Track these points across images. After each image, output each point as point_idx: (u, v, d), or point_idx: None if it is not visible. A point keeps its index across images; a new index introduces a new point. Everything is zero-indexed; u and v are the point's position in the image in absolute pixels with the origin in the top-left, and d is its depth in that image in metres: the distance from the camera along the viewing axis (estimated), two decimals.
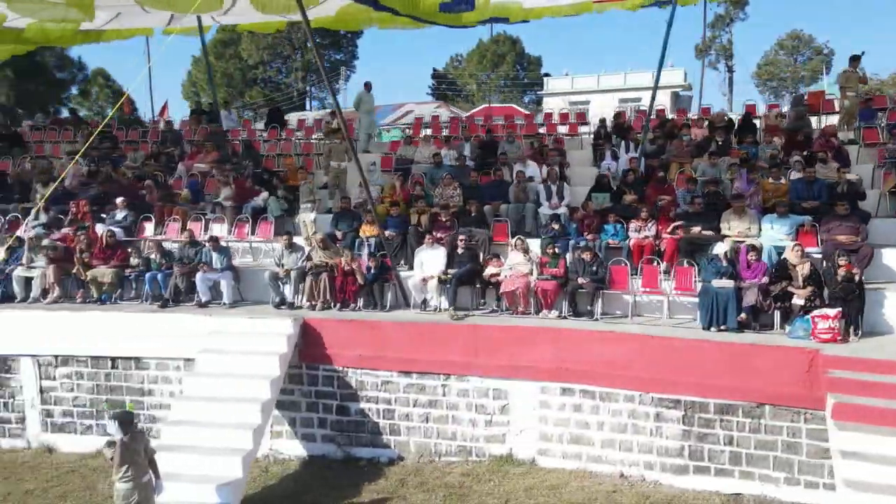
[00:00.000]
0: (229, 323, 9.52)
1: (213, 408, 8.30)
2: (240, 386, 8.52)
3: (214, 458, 7.70)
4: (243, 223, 12.20)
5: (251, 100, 62.32)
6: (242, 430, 8.03)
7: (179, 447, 7.94)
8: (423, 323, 9.24)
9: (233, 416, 8.18)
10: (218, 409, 8.28)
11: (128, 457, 6.62)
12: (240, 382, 8.55)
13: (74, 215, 12.39)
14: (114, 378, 10.06)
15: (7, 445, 10.38)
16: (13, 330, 10.24)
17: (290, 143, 16.49)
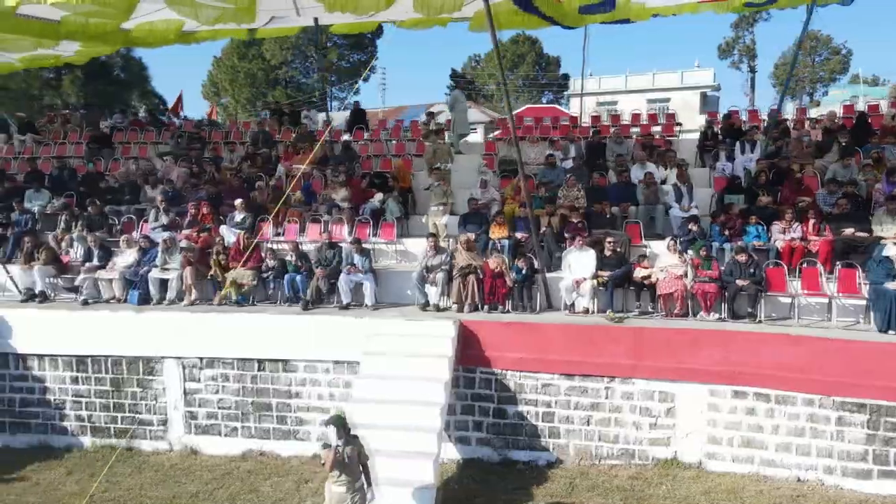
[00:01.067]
0: (384, 325, 9.50)
1: (391, 411, 8.26)
2: (413, 389, 8.50)
3: (404, 462, 7.67)
4: (364, 224, 12.18)
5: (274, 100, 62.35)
6: (425, 434, 8.01)
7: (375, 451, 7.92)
8: (586, 325, 9.21)
9: (412, 419, 8.14)
10: (395, 412, 8.25)
11: (343, 461, 6.63)
12: (412, 385, 8.53)
13: (194, 217, 12.38)
14: (260, 380, 10.06)
15: (149, 447, 10.38)
16: (157, 332, 10.25)
17: (381, 144, 16.46)
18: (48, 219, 13.57)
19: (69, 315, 10.55)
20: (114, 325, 10.38)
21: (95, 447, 10.44)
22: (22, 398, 10.65)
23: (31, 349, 10.53)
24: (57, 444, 10.55)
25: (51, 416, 10.59)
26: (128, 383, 10.40)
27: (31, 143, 17.85)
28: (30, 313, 10.71)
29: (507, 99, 10.11)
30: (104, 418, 10.49)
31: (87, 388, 10.49)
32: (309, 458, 9.82)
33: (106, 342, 10.35)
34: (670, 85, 55.83)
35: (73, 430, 10.56)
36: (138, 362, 10.34)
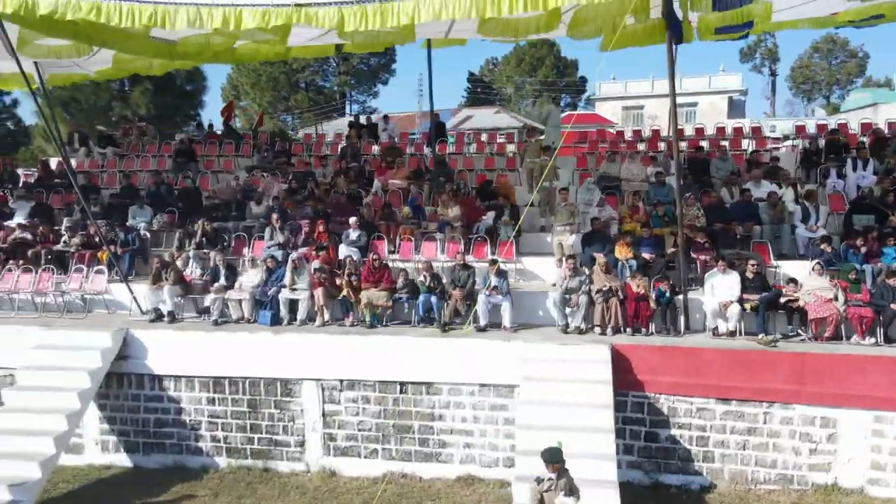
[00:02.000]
0: (537, 349, 9.49)
1: (561, 438, 8.24)
2: (580, 415, 8.50)
3: (587, 491, 7.64)
4: (480, 243, 12.18)
5: (297, 104, 62.38)
6: (602, 462, 8.01)
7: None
8: (743, 350, 9.20)
9: (585, 446, 8.11)
10: (566, 439, 8.20)
11: (553, 495, 6.64)
12: (578, 412, 8.53)
13: (307, 235, 12.39)
14: (402, 402, 10.06)
15: (286, 469, 10.39)
16: (296, 354, 10.26)
17: (471, 159, 16.47)
18: (154, 235, 13.61)
19: (206, 336, 10.56)
20: (251, 346, 10.39)
21: (231, 468, 10.45)
22: (157, 419, 10.66)
23: (166, 370, 10.54)
24: (191, 465, 10.56)
25: (186, 437, 10.61)
26: (265, 405, 10.41)
27: (113, 156, 17.89)
28: (165, 334, 10.72)
29: (674, 118, 9.95)
30: (240, 439, 10.50)
31: (223, 409, 10.50)
32: (452, 480, 9.85)
33: (244, 364, 10.36)
34: (698, 89, 55.56)
35: (209, 450, 10.57)
36: (276, 384, 10.35)
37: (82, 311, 12.06)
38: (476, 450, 9.89)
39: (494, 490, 9.54)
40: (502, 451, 9.80)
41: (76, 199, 14.23)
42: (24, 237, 12.78)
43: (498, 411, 9.77)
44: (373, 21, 8.28)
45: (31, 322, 11.33)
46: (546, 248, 12.68)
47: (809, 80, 68.63)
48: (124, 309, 12.15)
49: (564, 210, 11.74)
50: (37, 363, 10.21)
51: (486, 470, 9.84)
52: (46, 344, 10.47)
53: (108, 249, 12.06)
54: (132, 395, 10.69)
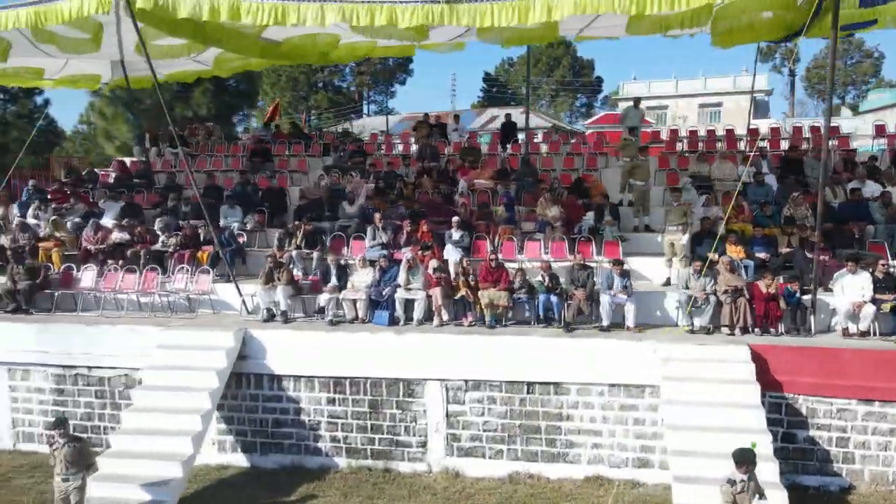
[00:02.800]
0: (672, 349, 9.43)
1: (714, 439, 8.21)
2: (727, 415, 8.47)
3: None
4: (585, 243, 12.14)
5: (316, 104, 62.40)
6: (760, 462, 7.93)
7: (697, 479, 7.90)
8: (884, 350, 9.15)
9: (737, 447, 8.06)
10: (719, 440, 8.19)
11: (745, 497, 6.61)
12: (726, 412, 8.50)
13: (410, 234, 12.37)
14: (529, 403, 10.03)
15: (407, 469, 10.36)
16: (419, 354, 10.23)
17: (550, 159, 16.43)
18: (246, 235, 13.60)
19: (326, 336, 10.53)
20: (373, 346, 10.36)
21: (351, 468, 10.42)
22: (275, 419, 10.64)
23: (286, 370, 10.52)
24: (309, 465, 10.54)
25: (304, 437, 10.58)
26: (386, 405, 10.38)
27: (185, 156, 17.85)
28: (283, 334, 10.70)
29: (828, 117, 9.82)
30: (360, 440, 10.47)
31: (343, 409, 10.48)
32: (581, 481, 9.81)
33: (365, 364, 10.33)
34: (722, 89, 55.41)
35: (328, 451, 10.54)
36: (398, 384, 10.32)
37: (186, 311, 12.07)
38: (604, 450, 9.85)
39: (627, 490, 9.50)
40: (631, 452, 9.77)
41: (173, 198, 14.27)
42: (122, 237, 12.76)
43: (628, 411, 9.73)
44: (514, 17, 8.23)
45: (143, 322, 11.32)
46: (645, 247, 12.65)
47: (825, 81, 68.47)
48: (229, 309, 12.17)
49: (677, 210, 11.68)
50: (162, 363, 10.20)
51: (614, 470, 9.79)
52: (169, 344, 10.46)
53: (218, 250, 12.05)
54: (250, 395, 10.67)
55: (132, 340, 10.84)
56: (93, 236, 12.96)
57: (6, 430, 11.48)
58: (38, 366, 11.21)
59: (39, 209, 13.91)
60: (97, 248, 12.81)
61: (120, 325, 11.11)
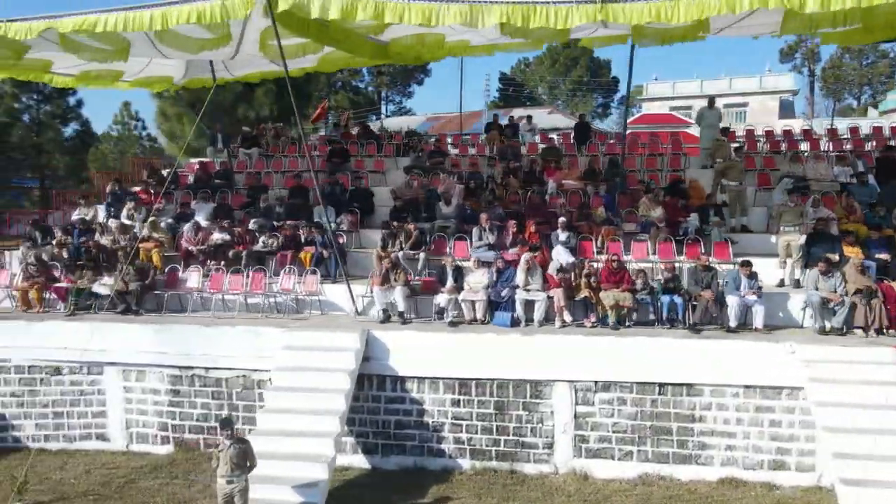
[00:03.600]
0: (817, 351, 9.37)
1: (870, 441, 8.18)
2: (884, 418, 8.42)
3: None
4: (693, 244, 12.10)
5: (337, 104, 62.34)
6: None
7: (862, 482, 7.86)
8: None
9: None
10: (875, 443, 8.16)
11: None
12: (882, 414, 8.46)
13: (515, 235, 12.34)
14: (660, 404, 9.99)
15: (533, 471, 10.32)
16: (547, 355, 10.19)
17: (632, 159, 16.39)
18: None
19: (450, 337, 10.51)
20: (500, 347, 10.33)
21: (475, 470, 10.39)
22: (397, 420, 10.62)
23: (410, 371, 10.50)
24: (431, 467, 10.50)
25: (427, 439, 10.55)
26: (512, 406, 10.35)
27: (258, 156, 17.89)
28: (405, 335, 10.67)
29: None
30: (485, 441, 10.44)
31: (468, 410, 10.44)
32: (714, 482, 9.77)
33: (491, 365, 10.30)
34: (748, 90, 55.26)
35: (451, 452, 10.50)
36: (524, 385, 10.29)
37: (293, 312, 12.06)
38: (738, 452, 9.80)
39: (765, 493, 9.46)
40: (766, 454, 9.72)
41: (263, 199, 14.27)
42: (223, 238, 12.75)
43: (763, 413, 9.68)
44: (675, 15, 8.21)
45: (257, 323, 11.30)
46: (751, 247, 12.58)
47: (840, 81, 68.35)
48: (336, 310, 12.17)
49: (793, 210, 11.63)
50: (289, 364, 10.18)
51: (748, 472, 9.74)
52: (294, 345, 10.44)
53: (321, 251, 12.04)
54: (372, 396, 10.64)
55: (251, 341, 10.83)
56: (193, 237, 12.95)
57: (119, 431, 11.48)
58: (154, 367, 11.20)
59: (135, 210, 13.89)
60: (198, 248, 12.80)
61: (239, 325, 11.09)
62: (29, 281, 12.02)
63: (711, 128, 16.12)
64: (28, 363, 11.47)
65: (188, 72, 16.91)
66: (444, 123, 47.44)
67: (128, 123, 39.93)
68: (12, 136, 36.83)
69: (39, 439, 11.57)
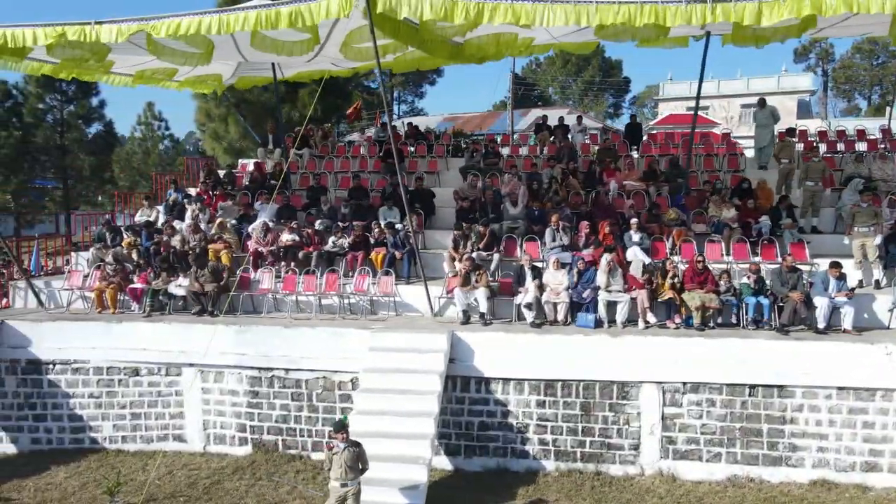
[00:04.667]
0: None
1: None
2: None
3: None
4: (769, 246, 12.07)
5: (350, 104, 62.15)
6: None
7: None
8: None
9: None
10: None
11: None
12: None
13: (588, 236, 12.32)
14: (750, 406, 9.96)
15: (619, 472, 10.30)
16: (634, 356, 10.17)
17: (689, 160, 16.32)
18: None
19: (536, 339, 10.49)
20: (586, 348, 10.32)
21: (560, 471, 10.38)
22: (481, 422, 10.61)
23: (494, 372, 10.48)
24: (515, 468, 10.51)
25: (511, 440, 10.54)
26: (598, 407, 10.33)
27: (310, 157, 17.90)
28: (490, 336, 10.65)
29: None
30: (570, 442, 10.43)
31: (553, 412, 10.43)
32: (805, 485, 9.74)
33: (578, 366, 10.29)
34: (765, 89, 55.21)
35: (535, 453, 10.49)
36: (612, 386, 10.27)
37: (368, 314, 12.06)
38: (830, 454, 9.77)
39: (859, 494, 9.44)
40: (859, 456, 9.69)
41: (325, 200, 14.27)
42: (293, 239, 12.75)
43: (856, 415, 9.66)
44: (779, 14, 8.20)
45: (335, 324, 11.29)
46: (820, 248, 12.54)
47: (850, 81, 68.23)
48: (410, 311, 12.16)
49: (867, 211, 11.59)
50: (377, 366, 10.17)
51: (840, 475, 9.72)
52: (380, 346, 10.43)
53: (393, 251, 12.04)
54: (456, 397, 10.64)
55: (333, 343, 10.83)
56: (262, 238, 12.95)
57: (197, 432, 11.49)
58: (233, 368, 11.21)
59: (201, 211, 13.90)
60: (268, 249, 12.80)
61: (319, 327, 11.09)
62: (105, 281, 12.02)
63: (763, 127, 16.05)
64: (107, 364, 11.49)
65: (238, 70, 16.94)
66: (463, 123, 47.47)
67: (151, 124, 39.91)
68: (37, 137, 36.88)
69: (117, 440, 11.60)
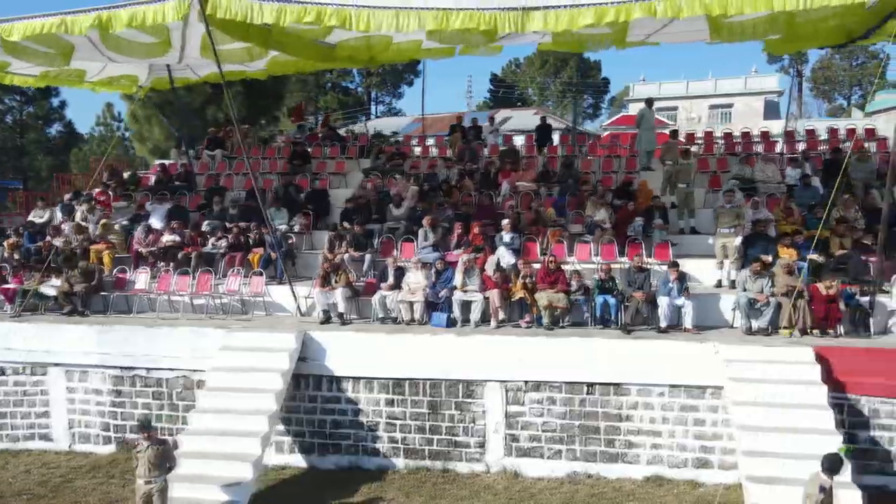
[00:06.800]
0: (737, 351, 9.52)
1: (786, 440, 8.32)
2: (795, 416, 8.58)
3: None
4: (635, 246, 12.24)
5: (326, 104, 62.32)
6: None
7: (770, 479, 8.01)
8: None
9: (807, 446, 8.11)
10: (791, 441, 8.30)
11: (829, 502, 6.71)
12: (793, 413, 8.62)
13: (460, 237, 12.48)
14: (588, 404, 10.13)
15: (465, 469, 10.45)
16: (479, 355, 10.33)
17: (589, 161, 16.54)
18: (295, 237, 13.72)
19: (387, 338, 10.64)
20: (434, 348, 10.47)
21: (409, 469, 10.52)
22: (333, 420, 10.75)
23: (346, 371, 10.63)
24: (367, 466, 10.64)
25: (362, 438, 10.68)
26: (446, 406, 10.48)
27: (221, 158, 18.02)
28: (343, 335, 10.80)
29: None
30: (419, 440, 10.58)
31: (402, 410, 10.58)
32: (640, 481, 9.91)
33: (426, 365, 10.44)
34: (733, 90, 55.42)
35: (385, 451, 10.64)
36: (458, 385, 10.42)
37: (239, 314, 12.20)
38: (664, 450, 9.95)
39: (689, 490, 9.60)
40: (691, 452, 9.86)
41: (217, 201, 14.39)
42: (173, 240, 12.88)
43: (688, 412, 9.83)
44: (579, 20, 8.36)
45: (201, 324, 11.43)
46: (693, 249, 12.72)
47: (830, 82, 68.46)
48: (282, 311, 12.31)
49: (730, 212, 11.77)
50: (225, 365, 10.31)
51: (673, 471, 9.88)
52: (231, 346, 10.58)
53: (270, 252, 12.18)
54: (309, 396, 10.78)
55: (192, 342, 10.96)
56: (143, 239, 13.09)
57: (63, 431, 11.60)
58: (97, 367, 11.33)
59: (90, 212, 14.03)
60: (148, 250, 12.93)
61: (180, 326, 11.23)
62: None
63: (649, 129, 16.10)
64: None
65: (152, 72, 17.03)
66: (431, 124, 47.60)
67: (110, 124, 40.04)
68: None
69: None
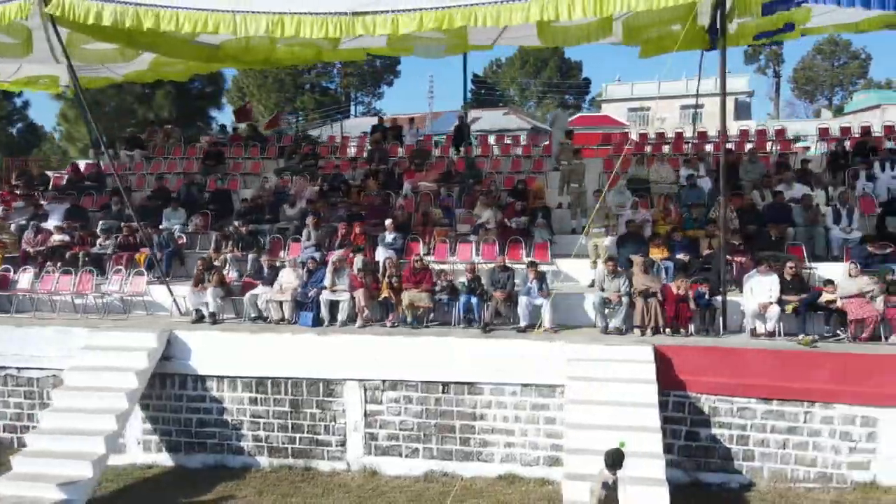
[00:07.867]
0: (578, 349, 9.62)
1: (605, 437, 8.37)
2: (625, 414, 8.67)
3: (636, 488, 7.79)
4: (516, 245, 12.32)
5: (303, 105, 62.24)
6: (648, 460, 8.15)
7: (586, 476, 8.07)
8: (786, 350, 9.33)
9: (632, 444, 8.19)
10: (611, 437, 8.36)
11: (613, 497, 6.77)
12: (624, 411, 8.70)
13: (343, 237, 12.55)
14: (444, 403, 10.21)
15: (327, 468, 10.52)
16: (339, 354, 10.40)
17: (499, 161, 16.62)
18: (188, 237, 13.77)
19: (250, 337, 10.71)
20: (295, 347, 10.54)
21: (272, 467, 10.59)
22: (199, 419, 10.81)
23: (210, 370, 10.69)
24: (232, 465, 10.70)
25: (227, 437, 10.74)
26: (307, 405, 10.55)
27: (140, 158, 18.07)
28: (208, 335, 10.86)
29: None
30: (282, 439, 10.64)
31: (265, 409, 10.64)
32: (493, 479, 9.98)
33: (287, 364, 10.51)
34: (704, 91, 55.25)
35: (250, 450, 10.70)
36: (319, 384, 10.49)
37: (122, 313, 12.25)
38: (517, 449, 10.03)
39: (536, 488, 9.68)
40: (543, 450, 9.94)
41: (116, 201, 14.43)
42: (62, 239, 12.93)
43: (539, 411, 9.91)
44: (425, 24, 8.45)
45: (74, 323, 11.47)
46: (579, 249, 12.80)
47: (812, 82, 68.64)
48: (163, 310, 12.36)
49: (600, 212, 11.86)
50: (84, 364, 10.36)
51: (526, 468, 9.96)
52: (93, 345, 10.63)
53: (150, 252, 12.23)
54: (175, 395, 10.83)
55: (61, 341, 11.00)
56: (33, 238, 13.13)
57: None
58: None
59: None
60: (36, 250, 12.97)
61: (50, 326, 11.28)
62: None
63: (562, 130, 16.23)
64: None
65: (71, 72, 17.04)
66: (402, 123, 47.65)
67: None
68: None
69: None
